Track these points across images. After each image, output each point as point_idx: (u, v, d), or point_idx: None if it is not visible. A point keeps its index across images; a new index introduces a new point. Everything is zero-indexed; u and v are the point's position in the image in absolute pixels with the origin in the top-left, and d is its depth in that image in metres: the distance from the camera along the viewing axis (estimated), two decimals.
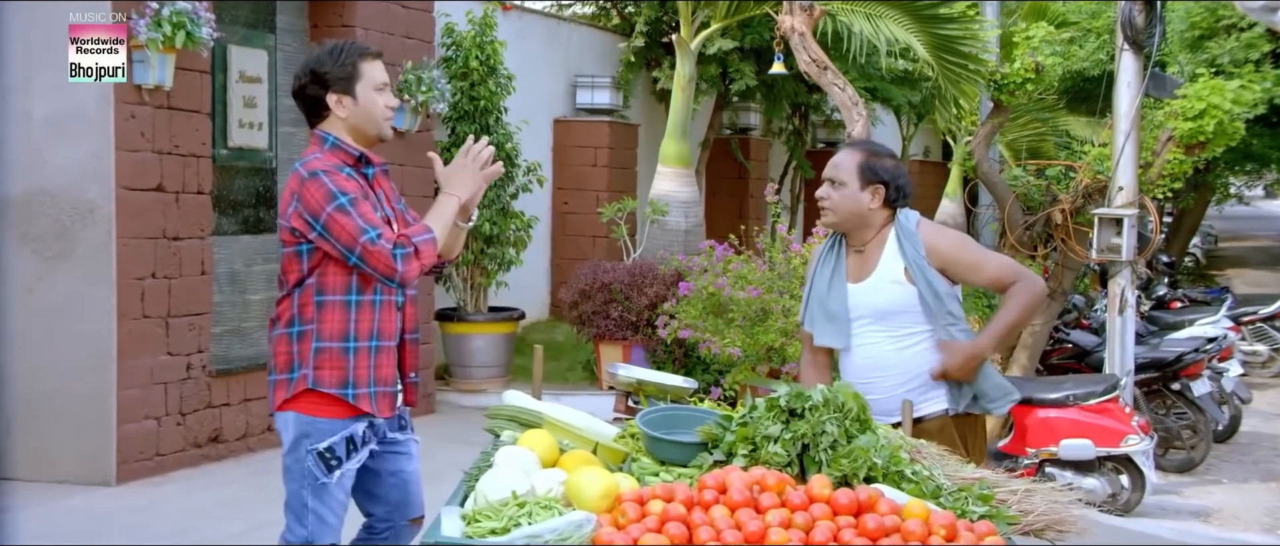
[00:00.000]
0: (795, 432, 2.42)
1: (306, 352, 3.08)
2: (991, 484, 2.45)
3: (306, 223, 3.02)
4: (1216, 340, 8.23)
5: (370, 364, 3.11)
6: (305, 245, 3.06)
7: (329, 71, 3.14)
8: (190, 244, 6.48)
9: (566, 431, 2.72)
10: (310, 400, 3.08)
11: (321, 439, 3.05)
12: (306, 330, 3.09)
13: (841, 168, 3.44)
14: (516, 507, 2.20)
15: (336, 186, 3.01)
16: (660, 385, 3.19)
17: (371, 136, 3.20)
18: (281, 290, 3.16)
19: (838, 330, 3.46)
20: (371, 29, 7.79)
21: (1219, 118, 6.87)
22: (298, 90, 3.20)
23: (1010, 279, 3.41)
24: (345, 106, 3.15)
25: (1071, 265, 7.70)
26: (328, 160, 3.10)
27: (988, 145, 8.26)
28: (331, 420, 3.06)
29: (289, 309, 3.12)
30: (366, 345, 3.11)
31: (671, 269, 8.48)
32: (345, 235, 2.98)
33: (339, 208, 2.98)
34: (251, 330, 7.34)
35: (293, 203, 3.05)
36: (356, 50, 3.17)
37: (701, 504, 2.21)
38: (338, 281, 3.08)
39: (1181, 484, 7.42)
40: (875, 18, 7.64)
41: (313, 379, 3.07)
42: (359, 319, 3.09)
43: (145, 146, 6.18)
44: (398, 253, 2.99)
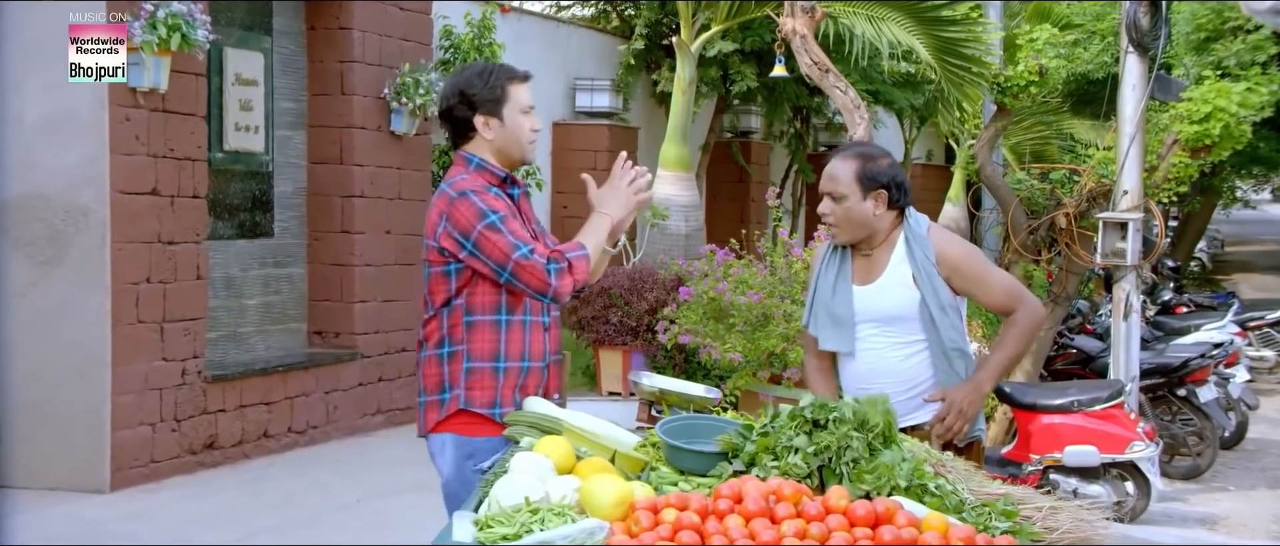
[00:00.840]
0: (818, 445, 2.42)
1: (458, 373, 3.09)
2: (1017, 500, 2.44)
3: (457, 241, 3.03)
4: (1223, 345, 8.24)
5: (517, 385, 3.13)
6: (454, 265, 3.07)
7: (477, 93, 3.15)
8: (185, 248, 6.49)
9: (586, 439, 2.72)
10: (464, 420, 3.10)
11: (484, 457, 3.04)
12: (457, 351, 3.10)
13: (840, 180, 3.39)
14: (529, 514, 2.21)
15: (486, 205, 3.03)
16: (683, 394, 3.20)
17: (516, 159, 3.22)
18: (427, 311, 3.16)
19: (843, 334, 3.44)
20: (369, 31, 7.81)
21: (1225, 121, 6.88)
22: (445, 111, 3.20)
23: (1013, 304, 3.40)
24: (492, 129, 3.16)
25: (1076, 270, 7.72)
26: (475, 180, 3.11)
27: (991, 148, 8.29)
28: (489, 438, 3.07)
29: (438, 329, 3.13)
30: (516, 365, 3.13)
31: (672, 273, 8.49)
32: (497, 252, 3.00)
33: (490, 225, 3.00)
34: (247, 335, 7.35)
35: (441, 223, 3.06)
36: (506, 73, 3.19)
37: (716, 513, 2.21)
38: (487, 301, 3.09)
39: (1188, 491, 7.43)
40: (877, 20, 7.66)
41: (465, 399, 3.09)
42: (509, 339, 3.11)
43: (140, 150, 6.19)
44: (552, 268, 3.00)
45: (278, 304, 7.60)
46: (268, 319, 7.50)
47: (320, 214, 7.76)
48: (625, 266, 9.19)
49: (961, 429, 3.29)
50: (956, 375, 3.36)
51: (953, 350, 3.35)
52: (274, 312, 7.56)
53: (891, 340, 3.40)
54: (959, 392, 3.32)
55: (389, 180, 8.04)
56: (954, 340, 3.34)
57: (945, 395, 3.33)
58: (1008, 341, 3.40)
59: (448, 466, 3.12)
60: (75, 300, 6.08)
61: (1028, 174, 8.23)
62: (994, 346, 3.45)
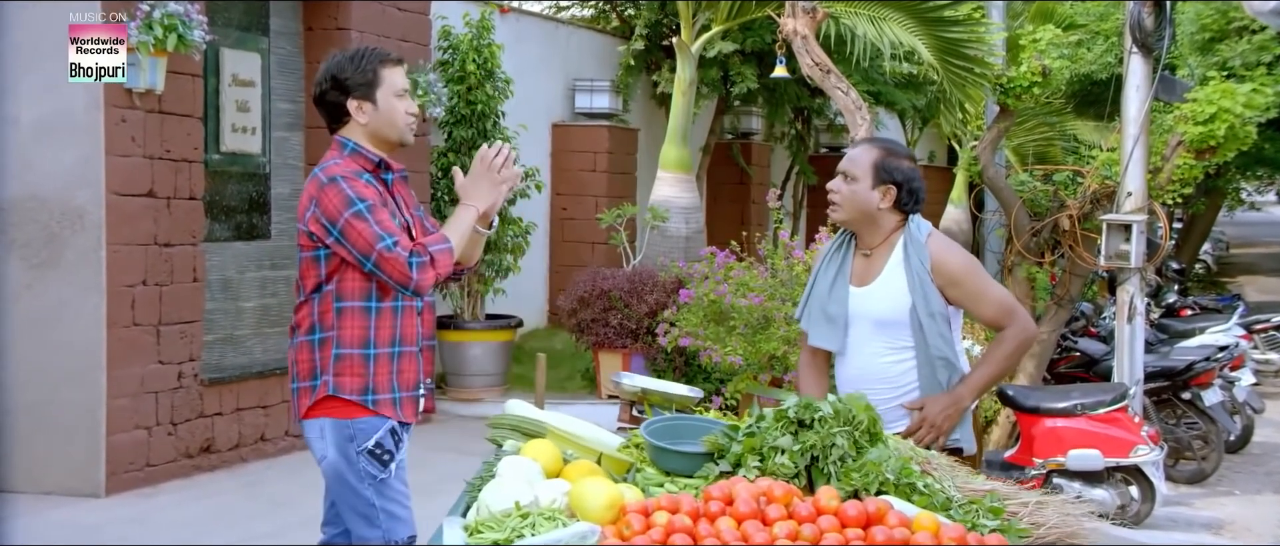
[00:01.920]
0: (804, 444, 2.42)
1: (328, 359, 3.13)
2: (1003, 496, 2.44)
3: (324, 228, 3.06)
4: (1228, 348, 8.23)
5: (392, 369, 3.16)
6: (323, 250, 3.11)
7: (349, 77, 3.18)
8: (182, 250, 6.49)
9: (570, 441, 2.72)
10: (334, 405, 3.13)
11: (366, 437, 3.11)
12: (327, 337, 3.14)
13: (857, 162, 3.42)
14: (520, 518, 2.21)
15: (354, 192, 3.05)
16: (665, 394, 3.20)
17: (392, 142, 3.24)
18: (299, 296, 3.19)
19: (835, 332, 3.45)
20: (367, 31, 7.81)
21: (1230, 121, 6.87)
22: (318, 96, 3.24)
23: (1005, 320, 3.39)
24: (366, 112, 3.19)
25: (1079, 272, 7.70)
26: (347, 166, 3.14)
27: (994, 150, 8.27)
28: (370, 417, 3.12)
29: (309, 316, 3.16)
30: (387, 351, 3.15)
31: (672, 276, 8.49)
32: (361, 242, 3.03)
33: (356, 214, 3.03)
34: (244, 338, 7.35)
35: (311, 207, 3.09)
36: (377, 56, 3.21)
37: (707, 515, 2.21)
38: (356, 287, 3.12)
39: (1192, 495, 7.41)
40: (879, 20, 7.65)
41: (333, 385, 3.12)
42: (379, 325, 3.14)
43: (136, 151, 6.19)
44: (413, 261, 3.03)
45: (275, 306, 7.60)
46: (265, 321, 7.50)
47: None
48: (625, 268, 9.19)
49: (933, 441, 3.27)
50: (939, 385, 3.35)
51: (938, 359, 3.34)
52: (271, 315, 7.56)
53: (883, 344, 3.40)
54: (934, 405, 3.32)
55: None
56: (940, 349, 3.33)
57: (922, 405, 3.33)
58: (993, 359, 3.40)
59: (330, 449, 3.15)
60: (71, 302, 6.08)
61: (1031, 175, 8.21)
62: (979, 362, 3.45)
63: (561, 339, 10.00)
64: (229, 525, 5.73)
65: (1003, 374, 3.52)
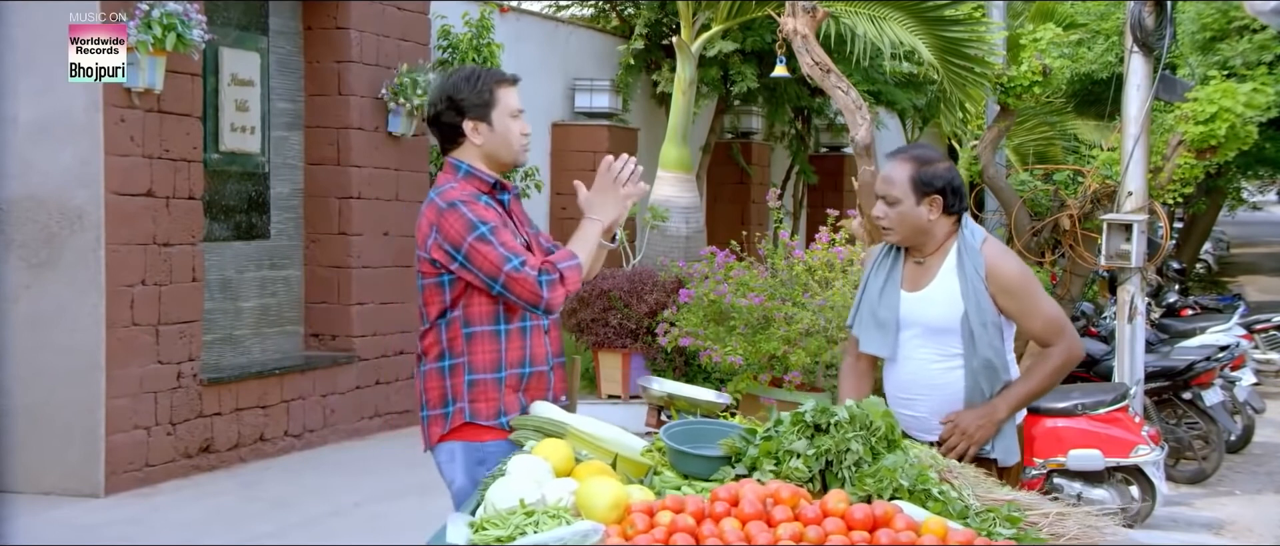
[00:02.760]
0: (819, 448, 2.42)
1: (460, 386, 3.10)
2: (1024, 506, 2.42)
3: (448, 253, 3.03)
4: (1229, 348, 8.23)
5: (520, 391, 3.14)
6: (447, 276, 3.08)
7: (466, 98, 3.14)
8: (181, 250, 6.49)
9: (590, 443, 2.72)
10: (471, 429, 3.11)
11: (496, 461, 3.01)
12: (458, 363, 3.11)
13: (895, 183, 3.36)
14: (524, 516, 2.21)
15: (476, 216, 3.03)
16: (691, 399, 3.20)
17: (506, 163, 3.22)
18: (424, 323, 3.16)
19: (885, 338, 3.41)
20: (366, 31, 7.82)
21: (1231, 121, 6.88)
22: (433, 117, 3.20)
23: (1053, 338, 3.35)
24: (481, 134, 3.15)
25: (1080, 272, 7.71)
26: (464, 189, 3.11)
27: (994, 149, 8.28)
28: (496, 442, 3.07)
29: (437, 342, 3.13)
30: (517, 372, 3.13)
31: (672, 275, 8.50)
32: (488, 264, 3.00)
33: (480, 237, 3.00)
34: (244, 338, 7.36)
35: (432, 234, 3.06)
36: (494, 77, 3.18)
37: (712, 515, 2.21)
38: (484, 311, 3.10)
39: (1193, 495, 7.42)
40: (879, 20, 7.66)
41: (469, 412, 3.09)
42: (509, 347, 3.12)
43: (135, 151, 6.19)
44: (543, 279, 3.00)
45: (274, 306, 7.60)
46: (264, 321, 7.51)
47: (317, 215, 7.76)
48: (625, 268, 9.20)
49: (965, 451, 3.26)
50: (984, 395, 3.32)
51: (984, 368, 3.30)
52: (270, 315, 7.57)
53: (934, 351, 3.36)
54: (968, 415, 3.30)
55: (386, 181, 8.05)
56: (989, 358, 3.30)
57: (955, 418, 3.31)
58: (1036, 375, 3.36)
59: (459, 474, 3.12)
60: (70, 303, 6.08)
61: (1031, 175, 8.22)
62: (1022, 376, 3.40)
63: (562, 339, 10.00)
64: (228, 525, 5.73)
65: (1043, 391, 3.45)
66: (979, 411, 3.30)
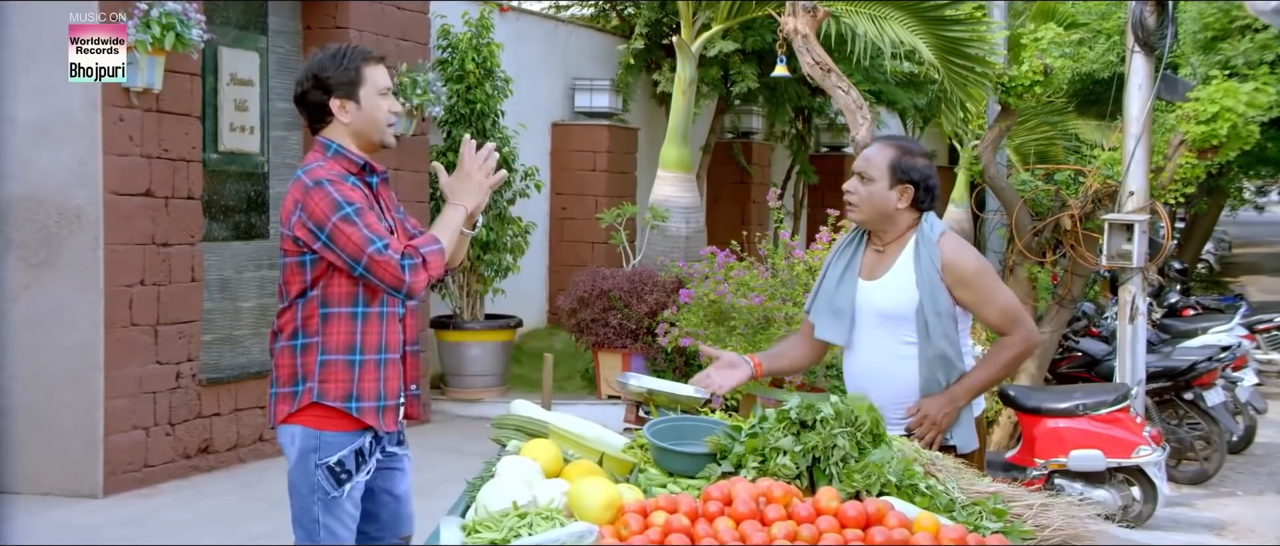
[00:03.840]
0: (805, 445, 2.42)
1: (311, 365, 3.09)
2: (1007, 498, 2.44)
3: (311, 232, 3.02)
4: (1230, 348, 8.22)
5: (378, 377, 3.13)
6: (309, 255, 3.07)
7: (331, 76, 3.13)
8: (180, 250, 6.49)
9: (573, 442, 2.72)
10: (315, 413, 3.10)
11: (330, 452, 3.07)
12: (311, 342, 3.10)
13: (873, 163, 3.43)
14: (517, 518, 2.21)
15: (342, 196, 3.02)
16: (671, 395, 3.21)
17: (375, 143, 3.20)
18: (283, 301, 3.16)
19: (840, 325, 3.47)
20: (366, 30, 7.81)
21: (1233, 121, 6.87)
22: (299, 95, 3.19)
23: (1009, 327, 3.41)
24: (348, 112, 3.14)
25: (1081, 272, 7.70)
26: (331, 168, 3.10)
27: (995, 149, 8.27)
28: (339, 433, 3.08)
29: (293, 320, 3.12)
30: (373, 357, 3.12)
31: (672, 276, 8.49)
32: (351, 246, 2.99)
33: (344, 217, 2.99)
34: (243, 338, 7.35)
35: (296, 212, 3.05)
36: (360, 54, 3.17)
37: (706, 515, 2.21)
38: (343, 292, 3.09)
39: (1195, 496, 7.41)
40: (880, 19, 7.64)
41: (318, 392, 3.08)
42: (365, 331, 3.11)
43: (134, 150, 6.19)
44: (406, 264, 2.99)
45: (273, 306, 7.55)
46: (263, 321, 7.50)
47: None
48: (625, 268, 9.19)
49: (934, 440, 3.30)
50: (938, 384, 3.37)
51: (937, 358, 3.35)
52: (269, 315, 7.56)
53: (889, 340, 3.42)
54: (932, 403, 3.35)
55: None
56: (943, 348, 3.35)
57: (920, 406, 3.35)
58: (994, 363, 3.42)
59: (293, 456, 3.14)
60: (68, 303, 6.08)
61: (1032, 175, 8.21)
62: (977, 363, 3.46)
63: (561, 339, 10.00)
64: (227, 526, 5.73)
65: (999, 378, 3.55)
66: (942, 398, 3.35)
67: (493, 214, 8.83)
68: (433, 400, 8.68)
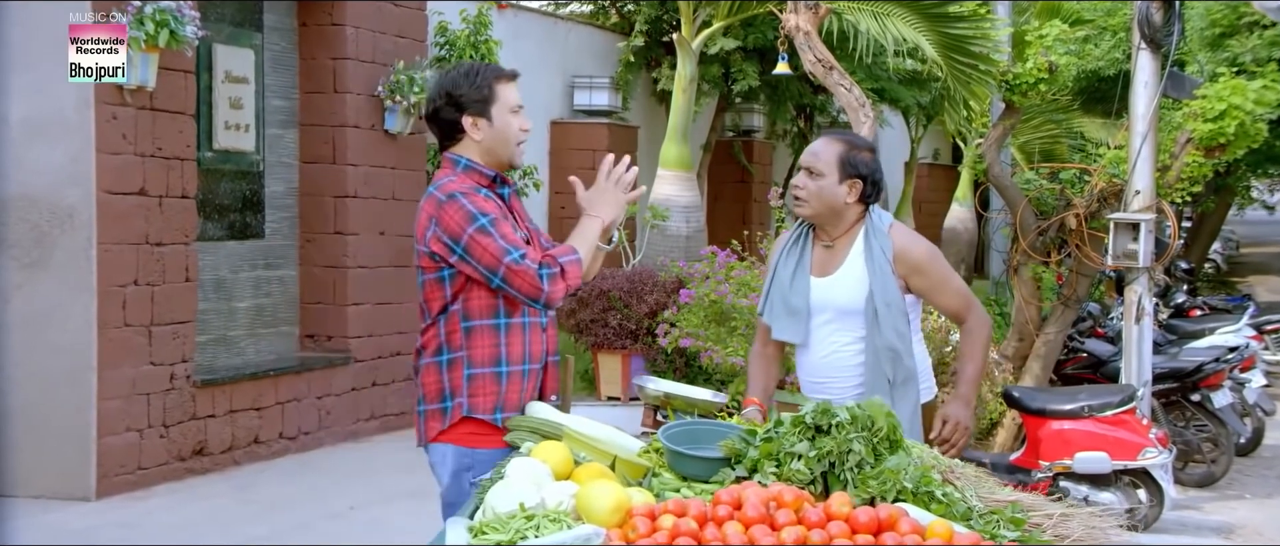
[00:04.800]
0: (821, 450, 2.42)
1: (459, 380, 3.09)
2: (1026, 507, 2.44)
3: (447, 246, 3.04)
4: (1238, 349, 8.22)
5: (521, 388, 3.14)
6: (447, 270, 3.08)
7: (464, 94, 3.15)
8: (174, 250, 6.49)
9: (586, 444, 2.72)
10: (466, 429, 3.10)
11: (484, 470, 3.01)
12: (457, 357, 3.10)
13: (821, 158, 3.50)
14: (524, 520, 2.21)
15: (476, 207, 3.03)
16: (689, 399, 3.21)
17: (505, 160, 3.22)
18: (425, 319, 3.17)
19: (797, 325, 3.53)
20: (362, 27, 7.82)
21: (1240, 119, 6.88)
22: (432, 113, 3.21)
23: (967, 311, 3.52)
24: (481, 129, 3.16)
25: (1086, 272, 7.71)
26: (463, 182, 3.12)
27: (999, 148, 8.28)
28: (491, 450, 3.07)
29: (436, 337, 3.13)
30: (518, 368, 3.13)
31: (672, 276, 8.50)
32: (488, 256, 3.00)
33: (480, 229, 3.00)
34: (238, 339, 7.36)
35: (431, 227, 3.06)
36: (493, 72, 3.19)
37: (715, 519, 2.21)
38: (484, 305, 3.10)
39: (1202, 499, 7.42)
40: (882, 16, 7.66)
41: (468, 407, 3.09)
42: (509, 342, 3.12)
43: (127, 149, 6.19)
44: (544, 273, 3.00)
45: (269, 306, 7.60)
46: (259, 322, 7.51)
47: (312, 215, 7.76)
48: (625, 268, 9.20)
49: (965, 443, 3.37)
50: (885, 376, 3.42)
51: (886, 349, 3.41)
52: (265, 315, 7.57)
53: (846, 335, 3.48)
54: (956, 408, 3.42)
55: (383, 180, 8.05)
56: (892, 341, 3.40)
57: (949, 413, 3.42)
58: (975, 353, 3.52)
59: (446, 476, 3.12)
60: (61, 303, 6.08)
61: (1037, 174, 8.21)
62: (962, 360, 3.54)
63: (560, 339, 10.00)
64: (222, 529, 5.73)
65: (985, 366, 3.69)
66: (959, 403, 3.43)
67: None
68: None
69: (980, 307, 3.57)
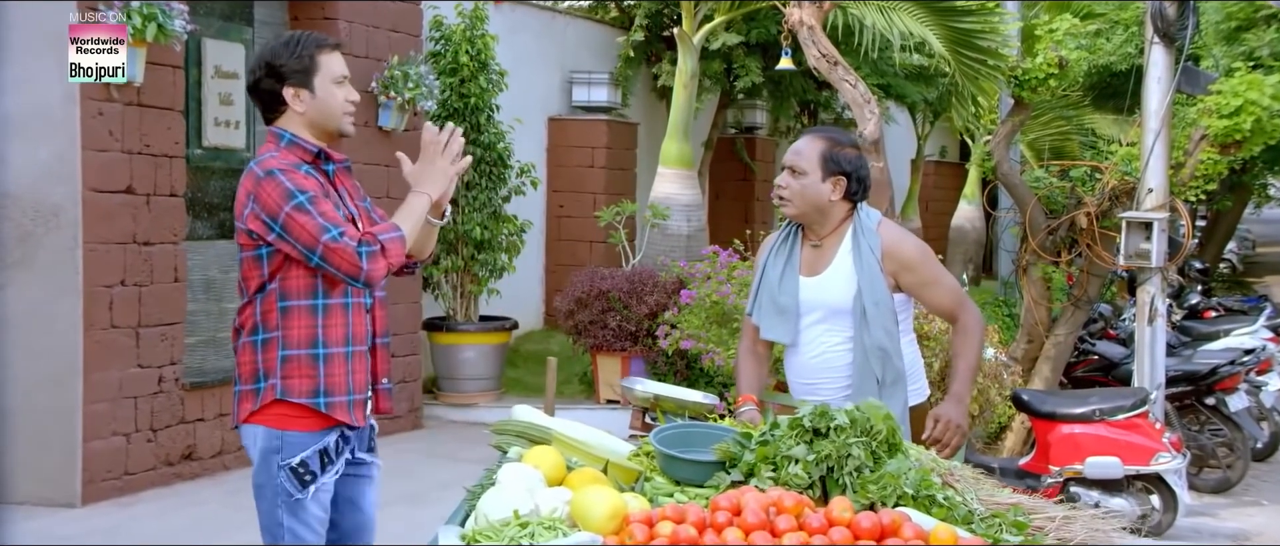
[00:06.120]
0: (819, 454, 2.42)
1: (273, 361, 3.08)
2: (1029, 510, 2.44)
3: (264, 224, 3.03)
4: (1254, 351, 8.22)
5: (346, 370, 3.12)
6: (265, 248, 3.07)
7: (284, 64, 3.13)
8: (162, 249, 6.49)
9: (576, 448, 2.72)
10: (279, 411, 3.09)
11: (293, 453, 3.06)
12: (272, 337, 3.09)
13: (803, 156, 3.50)
14: (518, 527, 2.21)
15: (294, 184, 3.01)
16: (679, 401, 3.20)
17: (331, 132, 3.20)
18: (243, 297, 3.16)
19: (787, 325, 3.53)
20: (355, 21, 7.82)
21: (1257, 114, 6.88)
22: (252, 85, 3.20)
23: (959, 307, 3.52)
24: (303, 101, 3.14)
25: (1098, 272, 7.71)
26: (284, 158, 3.10)
27: (1008, 145, 8.28)
28: (303, 433, 3.07)
29: (253, 316, 3.12)
30: (340, 350, 3.12)
31: (673, 276, 8.49)
32: (305, 234, 2.98)
33: (297, 206, 2.99)
34: (227, 341, 7.35)
35: (248, 204, 3.05)
36: (314, 41, 3.17)
37: (714, 525, 2.21)
38: (302, 284, 3.08)
39: (1217, 505, 7.41)
40: (888, 10, 7.65)
41: (281, 388, 3.07)
42: (327, 323, 3.10)
43: (114, 146, 6.19)
44: (363, 251, 2.99)
45: None
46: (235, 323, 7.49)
47: None
48: (624, 268, 9.20)
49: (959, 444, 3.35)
50: (873, 376, 3.42)
51: (875, 349, 3.41)
52: None
53: (836, 336, 3.49)
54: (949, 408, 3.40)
55: (376, 178, 8.04)
56: (881, 340, 3.41)
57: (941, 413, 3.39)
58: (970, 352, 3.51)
59: (255, 457, 3.12)
60: (46, 304, 6.08)
61: (1047, 171, 8.21)
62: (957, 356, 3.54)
63: (558, 341, 10.00)
64: (211, 536, 5.73)
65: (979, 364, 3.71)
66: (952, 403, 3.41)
67: (487, 212, 8.82)
68: (425, 404, 8.67)
69: (973, 305, 3.58)
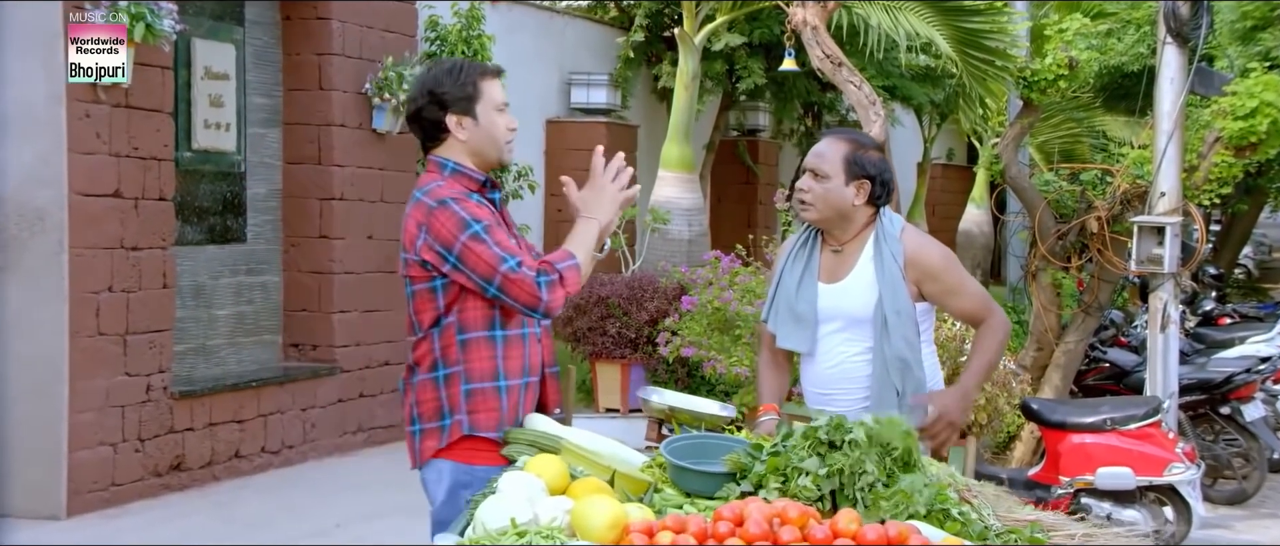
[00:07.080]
0: (831, 467, 2.40)
1: (457, 396, 3.08)
2: (1047, 527, 2.42)
3: (439, 255, 3.02)
4: (1270, 359, 8.21)
5: (520, 403, 3.13)
6: (439, 280, 3.07)
7: (447, 92, 3.14)
8: (150, 254, 6.49)
9: (586, 459, 2.71)
10: (468, 446, 3.08)
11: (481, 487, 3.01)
12: (454, 372, 3.09)
13: (826, 159, 3.47)
14: (515, 536, 2.20)
15: (469, 214, 3.02)
16: (694, 412, 3.20)
17: (493, 160, 3.22)
18: (415, 333, 3.15)
19: (804, 333, 3.50)
20: (349, 21, 7.82)
21: (1273, 116, 6.87)
22: (414, 113, 3.20)
23: (985, 313, 3.50)
24: (465, 129, 3.15)
25: (1108, 278, 7.70)
26: (453, 187, 3.10)
27: (1017, 147, 8.27)
28: (489, 467, 3.03)
29: (431, 351, 3.11)
30: (518, 382, 3.12)
31: (673, 282, 8.49)
32: (483, 265, 2.99)
33: (473, 236, 2.99)
34: (218, 348, 7.35)
35: (421, 234, 3.04)
36: (477, 69, 3.19)
37: (716, 536, 2.20)
38: (479, 316, 3.08)
39: (1232, 517, 7.40)
40: (894, 10, 7.66)
41: (468, 424, 3.07)
42: (507, 354, 3.11)
43: (101, 148, 6.19)
44: (542, 281, 2.99)
45: (250, 314, 7.60)
46: (240, 330, 7.50)
47: (296, 218, 7.76)
48: (624, 274, 9.20)
49: (950, 439, 3.32)
50: (893, 388, 3.40)
51: (895, 360, 3.38)
52: (246, 324, 7.56)
53: (855, 345, 3.45)
54: (948, 398, 3.37)
55: (370, 182, 8.05)
56: (901, 350, 3.38)
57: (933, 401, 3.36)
58: (988, 349, 3.49)
59: (441, 493, 3.10)
60: (30, 310, 6.07)
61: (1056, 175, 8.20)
62: (974, 353, 3.52)
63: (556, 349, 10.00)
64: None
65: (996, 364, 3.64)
66: (955, 393, 3.40)
67: None
68: None
69: (1000, 310, 3.55)
